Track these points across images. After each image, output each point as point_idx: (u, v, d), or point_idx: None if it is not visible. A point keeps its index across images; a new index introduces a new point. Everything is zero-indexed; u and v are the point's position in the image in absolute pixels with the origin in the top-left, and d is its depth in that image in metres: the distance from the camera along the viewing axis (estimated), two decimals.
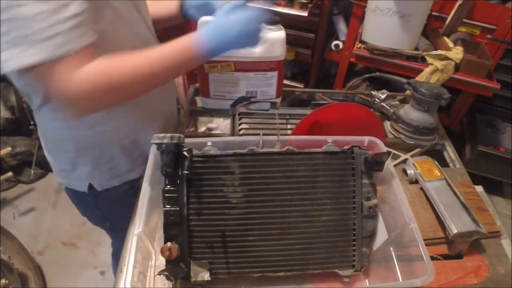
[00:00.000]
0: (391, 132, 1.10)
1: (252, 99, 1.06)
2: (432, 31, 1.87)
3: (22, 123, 2.18)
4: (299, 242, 0.67)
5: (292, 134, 0.90)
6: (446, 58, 1.70)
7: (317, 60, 2.39)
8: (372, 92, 1.18)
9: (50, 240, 1.97)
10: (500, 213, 2.07)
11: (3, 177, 2.07)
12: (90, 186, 0.95)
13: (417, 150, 1.05)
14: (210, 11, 0.91)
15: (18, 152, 2.16)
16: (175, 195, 0.63)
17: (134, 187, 0.97)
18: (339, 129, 0.70)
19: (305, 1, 2.05)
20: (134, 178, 0.97)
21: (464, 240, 0.76)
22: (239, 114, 1.04)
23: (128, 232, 0.79)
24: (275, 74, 1.01)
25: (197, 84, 1.12)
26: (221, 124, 1.12)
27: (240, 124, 1.01)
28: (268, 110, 1.06)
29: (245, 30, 0.72)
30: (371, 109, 1.19)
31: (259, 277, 0.66)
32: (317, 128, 0.87)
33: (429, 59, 1.72)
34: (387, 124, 1.14)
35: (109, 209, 1.04)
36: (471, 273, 0.76)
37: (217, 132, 1.13)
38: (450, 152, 1.08)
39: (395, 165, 0.99)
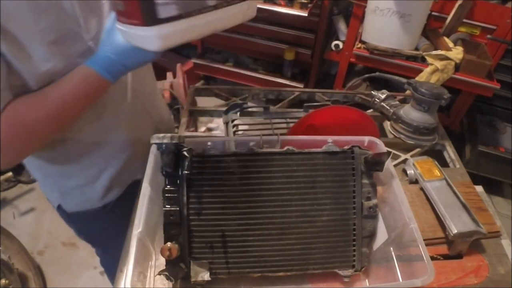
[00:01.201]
0: (391, 132, 1.10)
1: (244, 105, 1.04)
2: (432, 31, 1.87)
3: None
4: (299, 242, 0.67)
5: None
6: (446, 58, 1.70)
7: (317, 60, 2.39)
8: (372, 92, 1.18)
9: (50, 240, 1.97)
10: (500, 213, 2.07)
11: (3, 177, 2.07)
12: (60, 205, 0.93)
13: (417, 150, 1.05)
14: None
15: None
16: (175, 195, 0.63)
17: (106, 207, 0.94)
18: (334, 132, 0.70)
19: (305, 1, 2.05)
20: (106, 202, 0.93)
21: (464, 240, 0.76)
22: (233, 120, 1.03)
23: (128, 232, 0.79)
24: None
25: (197, 84, 1.12)
26: (221, 124, 1.13)
27: (234, 132, 1.00)
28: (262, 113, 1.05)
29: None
30: (371, 110, 1.19)
31: (259, 277, 0.66)
32: (311, 132, 0.86)
33: (429, 59, 1.72)
34: (387, 124, 1.14)
35: (81, 226, 1.01)
36: (471, 273, 0.76)
37: (217, 132, 1.13)
38: (450, 152, 1.08)
39: (395, 165, 0.99)
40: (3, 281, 1.52)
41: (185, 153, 0.61)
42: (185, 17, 0.54)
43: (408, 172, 0.93)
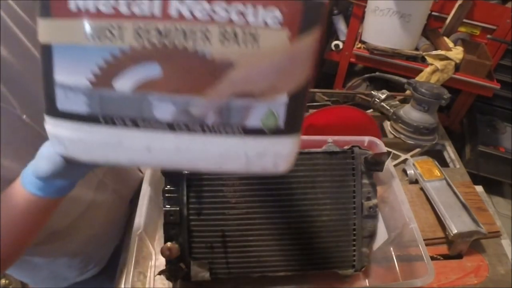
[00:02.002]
0: (391, 132, 1.10)
1: None
2: (432, 31, 1.87)
3: None
4: (299, 242, 0.67)
5: None
6: (446, 58, 1.69)
7: (317, 60, 2.39)
8: (372, 92, 1.18)
9: None
10: (500, 213, 2.07)
11: None
12: None
13: (417, 150, 1.05)
14: None
15: None
16: (175, 195, 0.63)
17: (88, 280, 0.84)
18: (335, 133, 0.70)
19: None
20: (86, 278, 0.84)
21: (464, 240, 0.76)
22: None
23: (128, 232, 0.79)
24: None
25: None
26: None
27: None
28: None
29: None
30: (371, 110, 1.19)
31: (259, 277, 0.66)
32: (312, 132, 0.86)
33: (429, 59, 1.72)
34: (387, 124, 1.14)
35: None
36: (471, 273, 0.76)
37: None
38: (450, 152, 1.08)
39: (395, 165, 0.99)
40: (3, 281, 1.52)
41: None
42: (105, 123, 0.34)
43: (408, 172, 0.93)
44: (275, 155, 0.36)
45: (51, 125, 0.36)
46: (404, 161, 1.00)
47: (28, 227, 0.51)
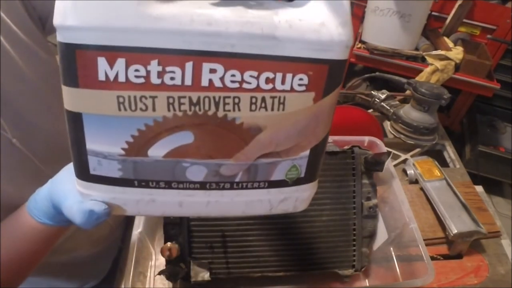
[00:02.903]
0: (391, 132, 1.10)
1: None
2: (432, 31, 1.87)
3: None
4: (299, 242, 0.66)
5: None
6: (446, 58, 1.69)
7: None
8: (372, 92, 1.18)
9: None
10: (500, 213, 2.07)
11: None
12: None
13: (417, 150, 1.05)
14: None
15: None
16: None
17: None
18: (336, 133, 0.70)
19: None
20: None
21: (464, 240, 0.76)
22: None
23: (128, 232, 0.79)
24: None
25: None
26: None
27: None
28: None
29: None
30: (371, 110, 1.19)
31: (259, 277, 0.66)
32: None
33: (429, 59, 1.72)
34: (387, 124, 1.14)
35: None
36: (471, 273, 0.76)
37: None
38: (450, 152, 1.08)
39: (395, 165, 0.99)
40: None
41: None
42: (139, 186, 0.35)
43: (408, 172, 0.93)
44: (296, 199, 0.39)
45: (83, 187, 0.36)
46: (404, 161, 1.00)
47: (35, 255, 0.50)
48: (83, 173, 0.35)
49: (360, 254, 0.68)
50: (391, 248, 0.67)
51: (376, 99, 1.16)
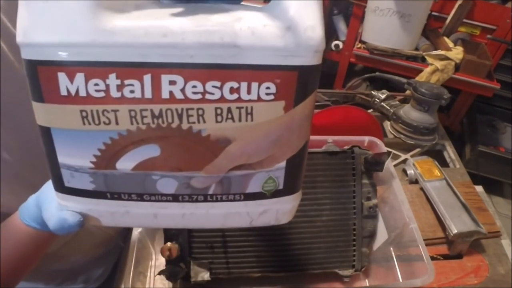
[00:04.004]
0: (391, 132, 1.10)
1: None
2: (432, 31, 1.87)
3: None
4: (299, 242, 0.66)
5: None
6: (446, 58, 1.69)
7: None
8: (372, 92, 1.18)
9: None
10: (500, 213, 2.06)
11: None
12: None
13: (417, 150, 1.05)
14: None
15: None
16: None
17: None
18: (336, 133, 0.70)
19: None
20: None
21: (464, 240, 0.76)
22: None
23: (128, 232, 0.79)
24: None
25: None
26: None
27: None
28: None
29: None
30: (371, 110, 1.19)
31: (259, 277, 0.66)
32: (312, 132, 0.86)
33: (429, 59, 1.72)
34: (387, 124, 1.14)
35: None
36: (471, 273, 0.76)
37: None
38: (450, 152, 1.08)
39: (395, 165, 0.99)
40: None
41: None
42: (111, 198, 0.35)
43: (408, 172, 0.93)
44: (277, 212, 0.38)
45: (61, 199, 0.37)
46: (404, 161, 1.00)
47: (24, 258, 0.50)
48: (59, 186, 0.35)
49: (360, 254, 0.68)
50: (391, 248, 0.67)
51: (376, 99, 1.16)
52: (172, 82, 0.29)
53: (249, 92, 0.30)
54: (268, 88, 0.30)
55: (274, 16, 0.29)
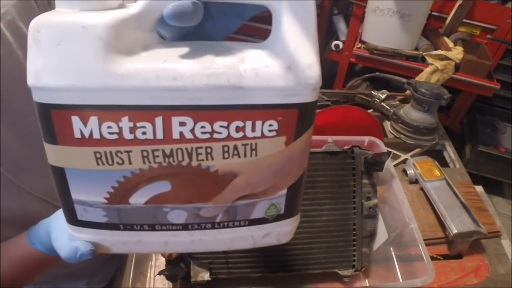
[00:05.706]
0: (391, 132, 1.10)
1: None
2: (432, 31, 1.87)
3: None
4: (299, 242, 0.66)
5: None
6: (446, 58, 1.69)
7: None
8: (372, 92, 1.18)
9: None
10: (500, 213, 2.07)
11: None
12: None
13: (417, 150, 1.05)
14: None
15: None
16: None
17: None
18: (337, 133, 0.70)
19: None
20: None
21: (464, 240, 0.76)
22: None
23: None
24: None
25: None
26: None
27: None
28: None
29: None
30: (371, 110, 1.19)
31: (259, 277, 0.66)
32: (313, 132, 0.86)
33: (429, 59, 1.72)
34: (387, 124, 1.14)
35: None
36: (471, 273, 0.76)
37: None
38: (450, 152, 1.08)
39: (395, 165, 0.99)
40: None
41: None
42: (124, 229, 0.36)
43: (408, 172, 0.93)
44: (278, 233, 0.41)
45: (74, 231, 0.38)
46: (404, 161, 1.00)
47: (30, 277, 0.52)
48: (72, 219, 0.36)
49: (360, 254, 0.68)
50: (391, 248, 0.67)
51: (376, 99, 1.16)
52: (182, 124, 0.30)
53: (253, 130, 0.32)
54: (271, 125, 0.32)
55: (274, 55, 0.31)
